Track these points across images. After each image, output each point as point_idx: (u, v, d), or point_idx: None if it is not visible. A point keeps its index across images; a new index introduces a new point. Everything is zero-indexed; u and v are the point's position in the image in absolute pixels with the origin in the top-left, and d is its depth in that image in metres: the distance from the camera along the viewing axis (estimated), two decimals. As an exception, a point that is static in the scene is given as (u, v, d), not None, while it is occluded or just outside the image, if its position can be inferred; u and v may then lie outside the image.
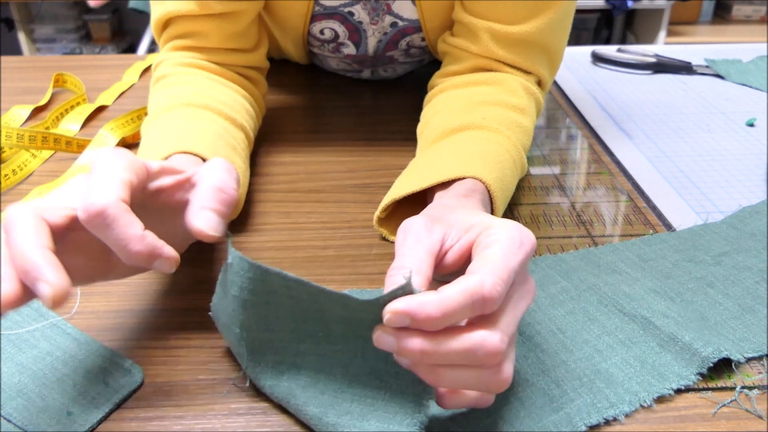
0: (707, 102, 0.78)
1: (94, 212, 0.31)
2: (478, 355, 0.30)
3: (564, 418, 0.35)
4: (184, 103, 0.52)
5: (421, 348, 0.30)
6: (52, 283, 0.29)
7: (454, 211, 0.38)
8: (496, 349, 0.30)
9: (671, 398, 0.37)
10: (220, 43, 0.58)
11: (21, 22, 2.46)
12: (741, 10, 2.54)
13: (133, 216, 0.32)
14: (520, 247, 0.32)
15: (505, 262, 0.31)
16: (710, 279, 0.46)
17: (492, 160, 0.46)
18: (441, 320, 0.29)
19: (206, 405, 0.36)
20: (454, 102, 0.55)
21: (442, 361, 0.30)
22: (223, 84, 0.57)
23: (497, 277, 0.30)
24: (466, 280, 0.30)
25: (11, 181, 0.60)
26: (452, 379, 0.31)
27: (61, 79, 0.82)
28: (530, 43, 0.56)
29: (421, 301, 0.29)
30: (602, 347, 0.40)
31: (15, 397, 0.36)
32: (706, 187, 0.59)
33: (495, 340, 0.30)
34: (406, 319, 0.29)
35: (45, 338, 0.40)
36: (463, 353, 0.30)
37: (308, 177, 0.60)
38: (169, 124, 0.50)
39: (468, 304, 0.29)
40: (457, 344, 0.30)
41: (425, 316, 0.29)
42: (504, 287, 0.30)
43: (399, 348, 0.30)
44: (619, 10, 2.30)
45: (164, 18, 0.57)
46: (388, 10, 0.65)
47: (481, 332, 0.30)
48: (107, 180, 0.33)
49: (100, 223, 0.31)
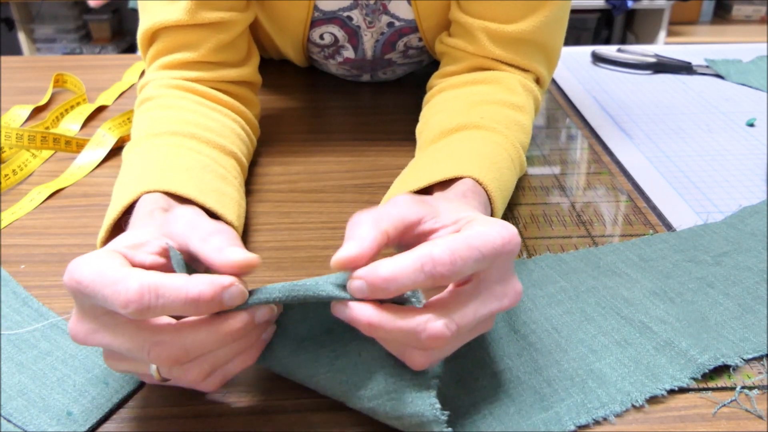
0: (707, 102, 0.78)
1: (135, 303, 0.28)
2: (421, 338, 0.30)
3: (553, 416, 0.35)
4: (170, 132, 0.50)
5: (368, 320, 0.30)
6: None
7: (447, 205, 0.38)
8: (438, 333, 0.30)
9: (671, 398, 0.37)
10: (210, 55, 0.56)
11: (21, 22, 2.47)
12: (741, 10, 2.54)
13: (167, 276, 0.30)
14: (502, 241, 0.32)
15: (469, 241, 0.31)
16: (710, 279, 0.46)
17: (490, 160, 0.46)
18: (390, 282, 0.30)
19: (206, 405, 0.36)
20: (452, 102, 0.55)
21: (388, 337, 0.31)
22: (211, 108, 0.55)
23: (451, 248, 0.30)
24: (420, 246, 0.31)
25: (11, 181, 0.60)
26: (404, 357, 0.31)
27: (61, 79, 0.82)
28: (527, 41, 0.56)
29: (374, 265, 0.30)
30: (597, 347, 0.40)
31: (15, 397, 0.36)
32: (706, 187, 0.59)
33: (438, 325, 0.30)
34: (363, 285, 0.30)
35: (45, 338, 0.40)
36: (406, 332, 0.30)
37: (308, 177, 0.60)
38: (151, 154, 0.48)
39: (418, 267, 0.30)
40: (401, 323, 0.30)
41: (375, 278, 0.30)
42: (461, 261, 0.30)
43: (350, 317, 0.31)
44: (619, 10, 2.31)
45: (152, 30, 0.55)
46: (384, 10, 0.65)
47: (427, 315, 0.30)
48: (112, 271, 0.30)
49: (146, 307, 0.29)
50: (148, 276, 0.29)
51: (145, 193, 0.42)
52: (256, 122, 0.62)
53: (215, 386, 0.33)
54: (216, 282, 0.30)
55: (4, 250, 0.50)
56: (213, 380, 0.33)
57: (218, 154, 0.51)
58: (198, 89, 0.56)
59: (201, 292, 0.29)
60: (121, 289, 0.29)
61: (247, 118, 0.59)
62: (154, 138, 0.49)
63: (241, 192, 0.51)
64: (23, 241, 0.51)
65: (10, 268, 0.48)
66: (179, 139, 0.49)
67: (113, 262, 0.31)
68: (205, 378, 0.32)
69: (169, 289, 0.29)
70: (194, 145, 0.49)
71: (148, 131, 0.50)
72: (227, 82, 0.58)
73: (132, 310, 0.29)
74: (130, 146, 0.50)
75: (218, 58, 0.57)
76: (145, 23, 0.56)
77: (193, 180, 0.45)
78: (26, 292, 0.45)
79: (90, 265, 0.30)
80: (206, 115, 0.54)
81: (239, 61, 0.60)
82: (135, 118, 0.54)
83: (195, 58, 0.56)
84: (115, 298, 0.29)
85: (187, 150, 0.48)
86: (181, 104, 0.54)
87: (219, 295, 0.30)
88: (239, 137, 0.55)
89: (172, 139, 0.49)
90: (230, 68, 0.58)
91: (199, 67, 0.56)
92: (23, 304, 0.43)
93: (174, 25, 0.54)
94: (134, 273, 0.30)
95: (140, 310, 0.29)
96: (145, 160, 0.47)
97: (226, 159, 0.51)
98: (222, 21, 0.55)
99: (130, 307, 0.28)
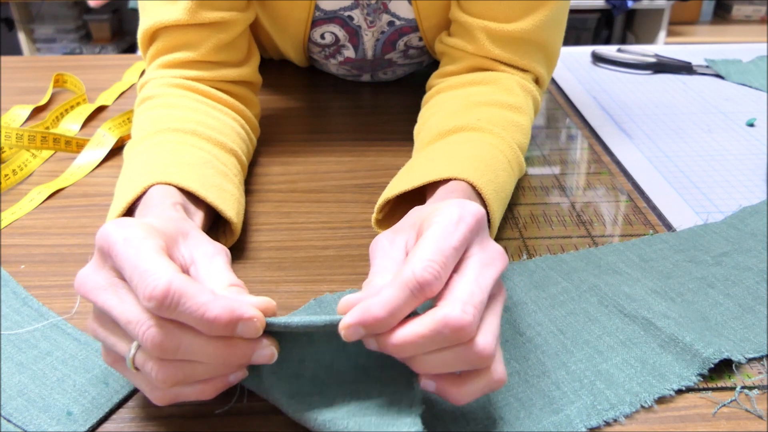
0: (707, 102, 0.78)
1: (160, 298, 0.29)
2: (446, 333, 0.30)
3: (564, 419, 0.35)
4: (171, 129, 0.50)
5: (394, 342, 0.30)
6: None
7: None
8: (459, 321, 0.29)
9: (671, 398, 0.37)
10: (210, 54, 0.56)
11: (21, 22, 2.46)
12: (741, 10, 2.54)
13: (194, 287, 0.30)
14: (458, 223, 0.33)
15: (437, 242, 0.31)
16: (711, 279, 0.46)
17: (485, 163, 0.46)
18: (389, 319, 0.30)
19: (206, 405, 0.36)
20: (450, 103, 0.55)
21: (421, 349, 0.30)
22: (212, 107, 0.55)
23: (427, 260, 0.30)
24: (400, 272, 0.31)
25: (11, 181, 0.60)
26: (435, 364, 0.31)
27: (61, 79, 0.82)
28: (526, 40, 0.57)
29: (365, 306, 0.30)
30: (603, 348, 0.40)
31: (15, 397, 0.36)
32: (706, 187, 0.59)
33: (456, 314, 0.30)
34: (360, 329, 0.30)
35: (45, 338, 0.40)
36: (432, 335, 0.30)
37: (308, 177, 0.60)
38: (153, 150, 0.48)
39: (407, 294, 0.30)
40: (422, 329, 0.30)
41: (372, 319, 0.30)
42: (440, 267, 0.30)
43: (381, 347, 0.31)
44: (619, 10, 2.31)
45: (153, 29, 0.55)
46: (384, 9, 0.65)
47: (441, 310, 0.30)
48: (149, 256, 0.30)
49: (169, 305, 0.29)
50: (178, 279, 0.29)
51: (155, 185, 0.43)
52: (256, 122, 0.62)
53: (165, 401, 0.32)
54: (236, 312, 0.30)
55: (4, 250, 0.50)
56: (168, 394, 0.32)
57: (219, 151, 0.51)
58: (198, 88, 0.56)
59: (217, 316, 0.29)
60: (149, 282, 0.29)
61: (247, 117, 0.59)
62: (156, 135, 0.49)
63: (241, 190, 0.51)
64: (23, 241, 0.51)
65: (10, 268, 0.48)
66: (180, 135, 0.49)
67: (153, 245, 0.31)
68: (170, 385, 0.31)
69: (190, 301, 0.29)
70: (195, 142, 0.50)
71: (149, 129, 0.50)
72: (227, 81, 0.58)
73: (151, 305, 0.29)
74: (131, 145, 0.50)
75: (218, 58, 0.57)
76: (145, 23, 0.56)
77: (195, 174, 0.45)
78: (26, 292, 0.45)
79: (128, 240, 0.31)
80: (207, 114, 0.54)
81: (239, 61, 0.60)
82: (135, 117, 0.54)
83: (195, 58, 0.56)
84: (141, 287, 0.29)
85: (189, 146, 0.49)
86: (182, 102, 0.54)
87: (233, 324, 0.30)
88: (239, 136, 0.55)
89: (173, 136, 0.49)
90: (230, 68, 0.58)
91: (200, 66, 0.56)
92: (23, 304, 0.43)
93: (174, 24, 0.54)
94: (167, 269, 0.30)
95: (158, 308, 0.29)
96: (149, 156, 0.47)
97: (227, 156, 0.52)
98: (222, 21, 0.55)
99: (151, 303, 0.29)
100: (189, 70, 0.56)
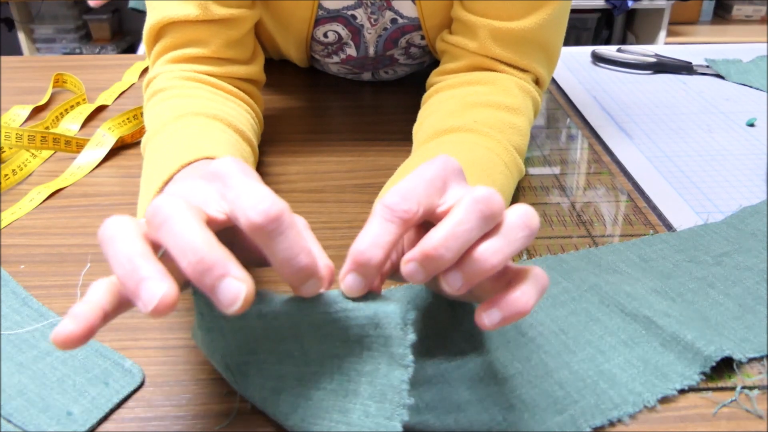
0: (707, 102, 0.78)
1: (273, 216, 0.28)
2: (486, 212, 0.29)
3: (568, 419, 0.35)
4: (193, 113, 0.49)
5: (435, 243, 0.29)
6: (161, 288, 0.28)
7: None
8: (486, 195, 0.29)
9: (672, 398, 0.37)
10: (219, 51, 0.56)
11: (21, 22, 2.47)
12: (741, 10, 2.54)
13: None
14: (429, 163, 0.32)
15: (406, 179, 0.31)
16: (711, 279, 0.46)
17: (480, 167, 0.46)
18: (372, 248, 0.30)
19: (206, 405, 0.36)
20: (447, 103, 0.55)
21: (472, 235, 0.29)
22: (225, 98, 0.55)
23: (394, 189, 0.30)
24: (462, 198, 0.30)
25: (11, 181, 0.60)
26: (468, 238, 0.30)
27: (60, 79, 0.82)
28: (528, 40, 0.57)
29: (350, 252, 0.30)
30: (605, 348, 0.40)
31: (15, 397, 0.36)
32: (706, 187, 0.59)
33: (482, 192, 0.29)
34: (354, 275, 0.31)
35: (45, 338, 0.40)
36: (477, 218, 0.29)
37: (308, 177, 0.60)
38: (181, 132, 0.47)
39: (380, 220, 0.30)
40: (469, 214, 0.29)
41: (358, 253, 0.30)
42: (406, 190, 0.30)
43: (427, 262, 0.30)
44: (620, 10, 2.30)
45: (161, 24, 0.55)
46: (387, 6, 0.65)
47: (464, 199, 0.30)
48: (261, 187, 0.29)
49: (275, 228, 0.28)
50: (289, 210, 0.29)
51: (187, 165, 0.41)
52: (261, 118, 0.63)
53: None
54: (319, 272, 0.30)
55: (4, 250, 0.50)
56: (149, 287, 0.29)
57: (238, 138, 0.51)
58: (211, 81, 0.56)
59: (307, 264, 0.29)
60: (267, 200, 0.28)
61: (256, 111, 0.60)
62: (178, 120, 0.49)
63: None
64: (23, 241, 0.51)
65: (10, 268, 0.48)
66: (203, 119, 0.49)
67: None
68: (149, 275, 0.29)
69: (296, 235, 0.29)
70: (219, 126, 0.49)
71: (169, 116, 0.49)
72: (236, 78, 0.59)
73: (260, 220, 0.28)
74: (150, 135, 0.49)
75: (227, 55, 0.57)
76: (153, 18, 0.56)
77: (228, 152, 0.44)
78: (26, 292, 0.45)
79: (234, 171, 0.31)
80: (223, 103, 0.54)
81: (247, 59, 0.60)
82: (148, 110, 0.54)
83: (205, 54, 0.56)
84: (254, 201, 0.28)
85: (214, 129, 0.48)
86: (198, 93, 0.54)
87: (308, 277, 0.30)
88: (252, 127, 0.56)
89: (196, 119, 0.49)
90: (239, 65, 0.59)
91: (210, 62, 0.57)
92: (23, 304, 0.43)
93: (184, 20, 0.55)
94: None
95: (263, 224, 0.28)
96: (176, 139, 0.46)
97: (244, 144, 0.52)
98: (232, 17, 0.56)
99: (260, 218, 0.28)
100: (199, 65, 0.56)
